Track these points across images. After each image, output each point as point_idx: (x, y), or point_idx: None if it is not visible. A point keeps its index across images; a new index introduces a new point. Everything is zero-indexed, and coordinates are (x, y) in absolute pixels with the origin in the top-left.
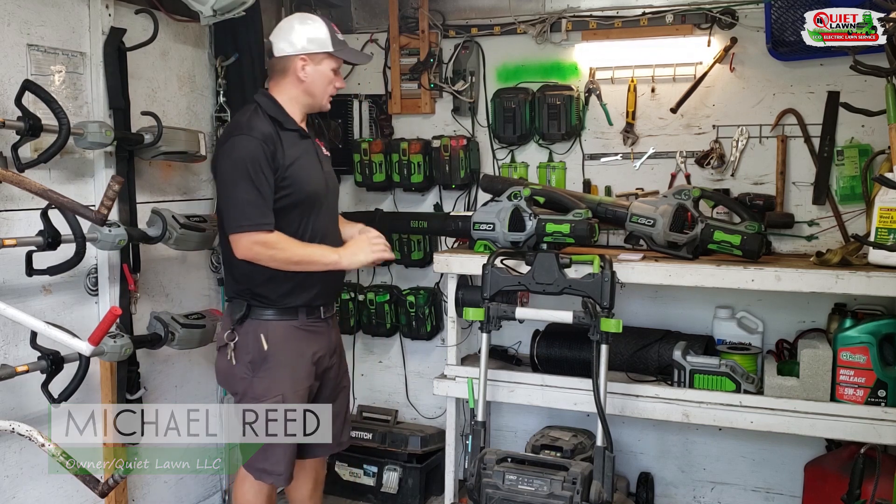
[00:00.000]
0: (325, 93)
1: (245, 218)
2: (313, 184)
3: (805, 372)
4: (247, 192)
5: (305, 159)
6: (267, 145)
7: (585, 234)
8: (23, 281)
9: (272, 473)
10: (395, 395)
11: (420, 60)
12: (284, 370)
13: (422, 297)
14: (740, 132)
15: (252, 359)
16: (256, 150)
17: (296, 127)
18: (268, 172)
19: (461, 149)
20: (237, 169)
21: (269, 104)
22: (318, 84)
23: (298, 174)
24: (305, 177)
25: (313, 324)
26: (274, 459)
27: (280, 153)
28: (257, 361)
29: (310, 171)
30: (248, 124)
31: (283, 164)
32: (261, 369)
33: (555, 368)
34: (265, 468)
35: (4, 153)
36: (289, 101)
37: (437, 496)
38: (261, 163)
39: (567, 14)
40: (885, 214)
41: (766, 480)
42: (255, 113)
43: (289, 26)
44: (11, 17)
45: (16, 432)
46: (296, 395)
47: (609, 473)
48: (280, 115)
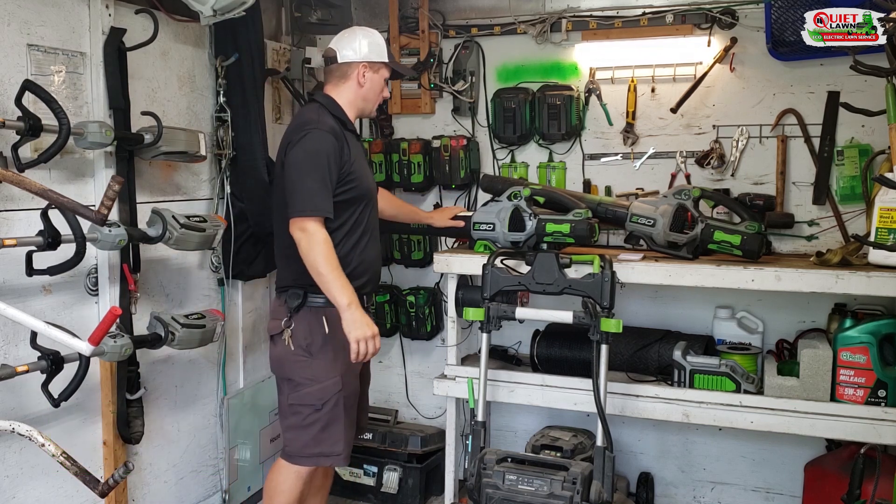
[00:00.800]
0: (377, 100)
1: (311, 203)
2: (368, 181)
3: (805, 372)
4: (315, 182)
5: (362, 158)
6: (337, 141)
7: (585, 234)
8: (23, 281)
9: (331, 455)
10: (395, 395)
11: (420, 60)
12: (341, 353)
13: (422, 297)
14: (740, 132)
15: (310, 343)
16: (330, 144)
17: (353, 128)
18: (334, 167)
19: (461, 149)
20: (311, 160)
21: (334, 106)
22: (373, 90)
23: (359, 171)
24: (364, 174)
25: None
26: (333, 440)
27: (346, 150)
28: (315, 345)
29: (365, 169)
30: (321, 120)
31: (349, 160)
32: (320, 352)
33: (555, 368)
34: (322, 451)
35: (4, 153)
36: (347, 104)
37: (437, 496)
38: (331, 157)
39: (567, 14)
40: (885, 214)
41: (766, 480)
42: (322, 111)
43: (352, 35)
44: (11, 17)
45: (16, 432)
46: (353, 374)
47: (609, 473)
48: (342, 115)
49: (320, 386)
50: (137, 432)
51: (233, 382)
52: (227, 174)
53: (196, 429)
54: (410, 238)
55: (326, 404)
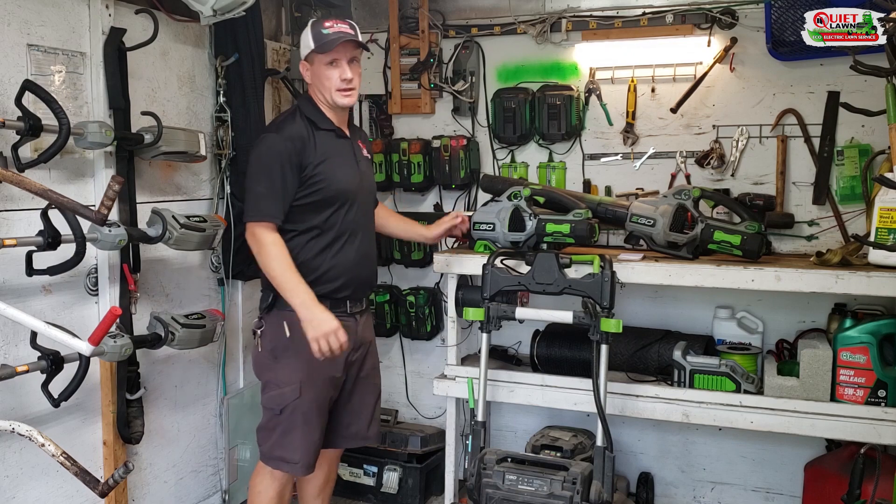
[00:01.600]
0: (330, 88)
1: (257, 209)
2: (345, 182)
3: (805, 372)
4: (262, 186)
5: (339, 158)
6: (294, 144)
7: (585, 234)
8: (23, 281)
9: (289, 462)
10: (395, 395)
11: (420, 60)
12: (304, 359)
13: (422, 297)
14: (740, 132)
15: (274, 347)
16: (280, 147)
17: (331, 127)
18: (290, 171)
19: (461, 149)
20: (260, 165)
21: (308, 106)
22: (320, 82)
23: (328, 171)
24: (336, 175)
25: (338, 317)
26: (291, 447)
27: (311, 151)
28: (279, 349)
29: (342, 169)
30: (278, 124)
31: (313, 162)
32: (283, 356)
33: (555, 368)
34: (282, 456)
35: (4, 153)
36: (319, 102)
37: (437, 496)
38: (285, 161)
39: (567, 14)
40: (885, 214)
41: (766, 480)
42: (290, 114)
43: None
44: (11, 17)
45: (16, 432)
46: (313, 384)
47: (609, 473)
48: (316, 115)
49: (279, 391)
50: (137, 432)
51: (233, 382)
52: (227, 174)
53: (196, 429)
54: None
55: (284, 410)
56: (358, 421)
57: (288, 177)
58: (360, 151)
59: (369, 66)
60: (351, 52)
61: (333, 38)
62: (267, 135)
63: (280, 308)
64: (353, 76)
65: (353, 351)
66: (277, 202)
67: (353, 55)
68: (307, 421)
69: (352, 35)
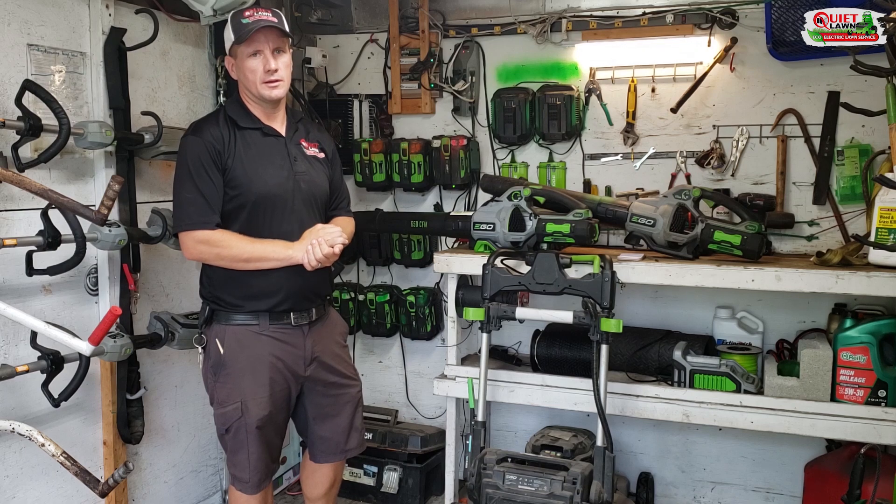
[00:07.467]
0: (255, 81)
1: (187, 217)
2: (271, 185)
3: (805, 372)
4: (188, 192)
5: (264, 159)
6: (213, 145)
7: (585, 234)
8: (23, 281)
9: (240, 480)
10: (395, 395)
11: (420, 60)
12: (243, 376)
13: (422, 297)
14: (740, 132)
15: (214, 363)
16: (199, 149)
17: (256, 125)
18: (212, 172)
19: (461, 149)
20: (180, 169)
21: (232, 105)
22: (243, 76)
23: (247, 174)
24: (260, 177)
25: (280, 330)
26: (240, 466)
27: (228, 153)
28: (218, 366)
29: (268, 170)
30: (196, 126)
31: (230, 165)
32: (220, 374)
33: (555, 368)
34: (234, 474)
35: (4, 153)
36: (247, 101)
37: (437, 496)
38: (203, 162)
39: (567, 14)
40: (885, 214)
41: (767, 480)
42: (213, 114)
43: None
44: (11, 17)
45: (16, 432)
46: (257, 401)
47: (609, 473)
48: (238, 114)
49: (222, 411)
50: (137, 432)
51: None
52: None
53: (196, 429)
54: (410, 238)
55: (230, 430)
56: (335, 435)
57: (214, 178)
58: (302, 150)
59: (369, 66)
60: (275, 41)
61: (252, 25)
62: (185, 138)
63: (217, 322)
64: (280, 67)
65: (305, 366)
66: (204, 206)
67: (276, 45)
68: (253, 440)
69: (273, 22)
